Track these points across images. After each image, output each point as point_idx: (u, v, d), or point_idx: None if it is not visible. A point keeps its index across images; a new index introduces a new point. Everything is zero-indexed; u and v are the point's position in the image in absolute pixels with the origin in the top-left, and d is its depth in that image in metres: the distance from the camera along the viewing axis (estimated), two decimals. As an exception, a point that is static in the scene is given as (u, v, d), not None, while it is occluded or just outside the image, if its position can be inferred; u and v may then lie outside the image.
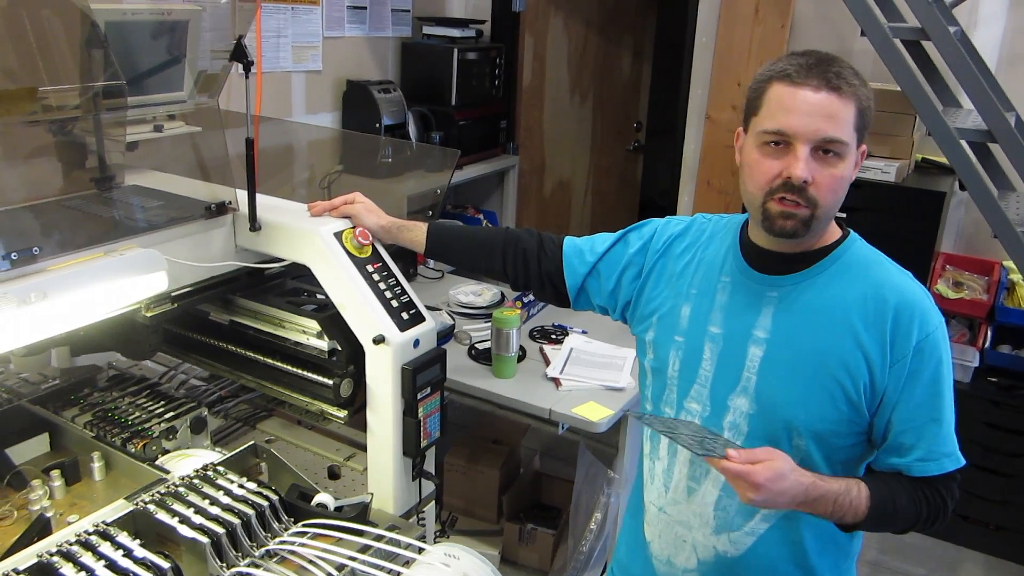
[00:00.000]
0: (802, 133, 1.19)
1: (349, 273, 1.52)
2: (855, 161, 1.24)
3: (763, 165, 1.23)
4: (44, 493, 1.48)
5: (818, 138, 1.19)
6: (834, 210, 1.25)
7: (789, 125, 1.19)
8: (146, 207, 1.66)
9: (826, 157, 1.20)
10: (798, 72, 1.20)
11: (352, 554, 1.27)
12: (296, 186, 3.01)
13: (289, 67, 3.39)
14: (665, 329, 1.42)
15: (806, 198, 1.20)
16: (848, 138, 1.20)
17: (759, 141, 1.24)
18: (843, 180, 1.22)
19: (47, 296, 1.25)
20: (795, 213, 1.21)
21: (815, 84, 1.19)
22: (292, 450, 1.84)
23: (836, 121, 1.19)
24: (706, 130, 3.78)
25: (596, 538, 2.58)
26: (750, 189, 1.26)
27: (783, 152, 1.21)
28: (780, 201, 1.22)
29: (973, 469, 3.06)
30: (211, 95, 1.77)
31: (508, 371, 2.37)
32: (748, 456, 1.17)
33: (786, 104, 1.20)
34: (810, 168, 1.19)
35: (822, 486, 1.21)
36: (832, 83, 1.18)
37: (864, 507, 1.24)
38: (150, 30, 1.67)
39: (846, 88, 1.19)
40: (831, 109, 1.18)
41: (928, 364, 1.24)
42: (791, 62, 1.22)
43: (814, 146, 1.19)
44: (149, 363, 2.03)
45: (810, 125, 1.18)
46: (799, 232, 1.23)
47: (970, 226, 3.40)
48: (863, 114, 1.21)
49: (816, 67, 1.20)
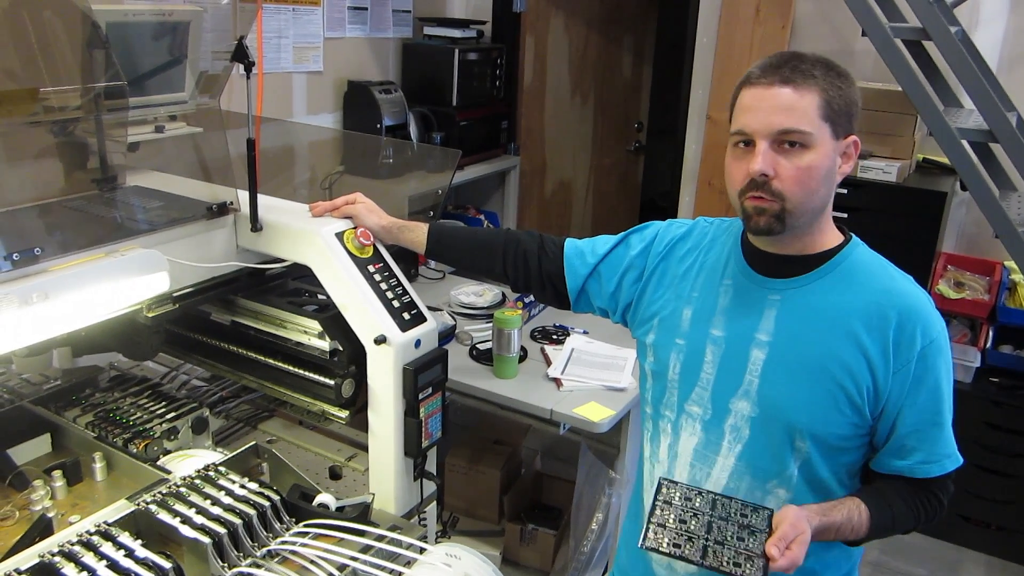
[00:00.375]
0: (758, 129, 1.22)
1: (350, 273, 1.52)
2: (832, 151, 1.24)
3: (734, 166, 1.27)
4: (46, 493, 1.48)
5: (773, 131, 1.21)
6: (809, 202, 1.24)
7: (748, 123, 1.23)
8: (147, 208, 1.66)
9: (791, 149, 1.21)
10: (758, 74, 1.24)
11: (353, 554, 1.27)
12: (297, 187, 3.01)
13: (290, 68, 3.39)
14: (666, 332, 1.42)
15: (771, 192, 1.22)
16: (810, 127, 1.20)
17: (730, 144, 1.28)
18: (811, 170, 1.22)
19: (49, 297, 1.25)
20: (765, 208, 1.23)
21: (768, 81, 1.22)
22: (293, 450, 1.84)
23: (792, 112, 1.20)
24: (707, 131, 3.78)
25: (597, 538, 2.58)
26: (730, 192, 1.29)
27: (750, 152, 1.24)
28: (752, 198, 1.24)
29: (974, 469, 3.08)
30: (212, 96, 1.77)
31: (509, 371, 2.37)
32: (781, 541, 1.15)
33: (746, 105, 1.24)
34: (769, 161, 1.21)
35: (826, 522, 1.23)
36: (786, 77, 1.21)
37: (865, 528, 1.26)
38: (151, 31, 1.67)
39: (803, 80, 1.20)
40: (786, 102, 1.20)
41: (931, 370, 1.25)
42: (756, 66, 1.25)
43: (773, 139, 1.21)
44: (151, 364, 2.03)
45: (764, 120, 1.21)
46: (774, 228, 1.24)
47: (971, 226, 3.39)
48: (830, 103, 1.21)
49: (774, 66, 1.22)
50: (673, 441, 1.41)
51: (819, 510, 1.23)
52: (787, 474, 1.31)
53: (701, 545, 1.17)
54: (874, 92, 3.14)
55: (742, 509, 1.24)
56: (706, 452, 1.36)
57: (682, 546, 1.17)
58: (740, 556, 1.15)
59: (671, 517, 1.23)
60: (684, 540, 1.18)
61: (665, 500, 1.26)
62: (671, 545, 1.18)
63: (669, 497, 1.26)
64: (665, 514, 1.23)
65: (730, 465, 1.34)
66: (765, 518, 1.22)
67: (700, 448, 1.37)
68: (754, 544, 1.17)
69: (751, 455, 1.33)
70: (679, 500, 1.26)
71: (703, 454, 1.37)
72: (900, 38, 2.74)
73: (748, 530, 1.20)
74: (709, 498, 1.26)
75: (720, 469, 1.35)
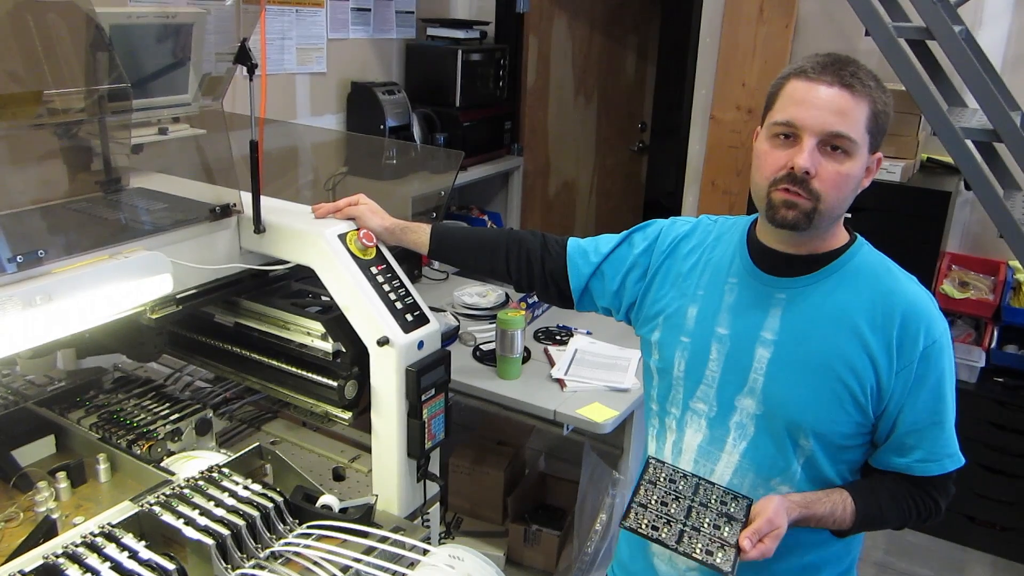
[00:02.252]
0: (810, 125, 1.20)
1: (353, 275, 1.53)
2: (865, 164, 1.24)
3: (771, 156, 1.25)
4: (50, 495, 1.49)
5: (825, 132, 1.20)
6: (839, 208, 1.25)
7: (798, 116, 1.21)
8: (151, 210, 1.66)
9: (833, 153, 1.21)
10: (814, 68, 1.22)
11: (357, 556, 1.28)
12: (301, 188, 3.02)
13: (293, 69, 3.40)
14: (671, 330, 1.42)
15: (808, 190, 1.21)
16: (857, 136, 1.20)
17: (770, 133, 1.26)
18: (848, 178, 1.22)
19: (52, 298, 1.25)
20: (797, 203, 1.22)
21: (828, 80, 1.20)
22: (297, 452, 1.84)
23: (845, 117, 1.19)
24: (710, 130, 3.78)
25: (601, 539, 2.58)
26: (757, 180, 1.28)
27: (791, 144, 1.22)
28: (784, 191, 1.23)
29: (979, 469, 3.08)
30: (215, 98, 1.78)
31: (513, 372, 2.37)
32: (755, 534, 1.19)
33: (798, 97, 1.22)
34: (814, 160, 1.20)
35: (807, 514, 1.25)
36: (845, 80, 1.20)
37: (849, 521, 1.28)
38: (155, 33, 1.67)
39: (859, 87, 1.20)
40: (842, 105, 1.19)
41: (933, 370, 1.26)
42: (809, 60, 1.24)
43: (821, 140, 1.20)
44: (154, 365, 2.03)
45: (818, 118, 1.20)
46: (800, 224, 1.23)
47: (976, 226, 3.39)
48: (876, 117, 1.22)
49: (832, 65, 1.21)
50: (678, 438, 1.41)
51: (802, 502, 1.25)
52: (791, 471, 1.31)
53: (678, 530, 1.21)
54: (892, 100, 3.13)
55: (723, 496, 1.27)
56: (711, 449, 1.37)
57: (660, 529, 1.21)
58: (713, 544, 1.18)
59: (653, 498, 1.26)
60: (663, 523, 1.22)
61: (650, 480, 1.28)
62: (650, 527, 1.21)
63: (655, 477, 1.29)
64: (648, 494, 1.26)
65: (734, 462, 1.35)
66: (744, 507, 1.25)
67: (705, 445, 1.37)
68: (729, 533, 1.20)
69: (755, 452, 1.33)
70: (663, 481, 1.28)
71: (708, 451, 1.37)
72: (904, 37, 2.73)
73: (726, 518, 1.23)
74: (692, 482, 1.29)
75: (724, 465, 1.35)
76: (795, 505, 1.24)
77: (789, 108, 1.22)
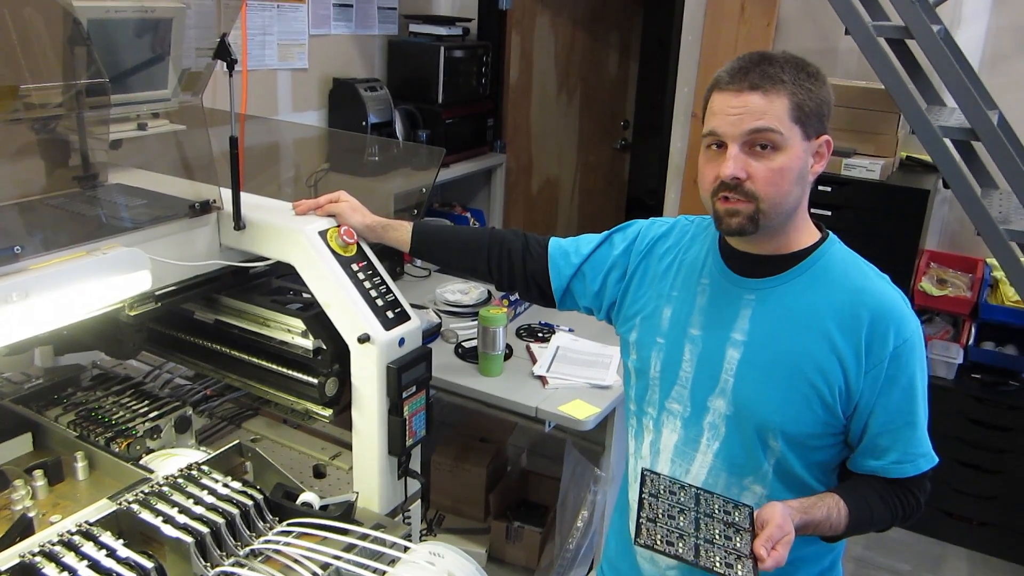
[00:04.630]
0: (728, 132, 1.22)
1: (334, 272, 1.52)
2: (802, 153, 1.24)
3: (705, 168, 1.28)
4: (27, 493, 1.47)
5: (742, 131, 1.21)
6: (784, 203, 1.24)
7: (718, 127, 1.24)
8: (129, 206, 1.65)
9: (762, 152, 1.22)
10: (726, 78, 1.24)
11: (337, 553, 1.27)
12: (282, 184, 3.00)
13: (275, 65, 3.38)
14: (648, 330, 1.42)
15: (744, 193, 1.23)
16: (780, 129, 1.21)
17: (703, 147, 1.28)
18: (783, 171, 1.22)
19: (29, 295, 1.24)
20: (738, 210, 1.24)
21: (737, 87, 1.22)
22: (277, 449, 1.84)
23: (763, 116, 1.20)
24: (692, 128, 3.79)
25: (583, 536, 2.59)
26: (702, 194, 1.30)
27: (721, 154, 1.24)
28: (723, 200, 1.25)
29: (957, 465, 3.11)
30: (195, 93, 1.76)
31: (495, 369, 2.37)
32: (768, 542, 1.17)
33: (716, 108, 1.25)
34: (740, 164, 1.22)
35: (806, 519, 1.24)
36: (755, 83, 1.21)
37: (843, 525, 1.27)
38: (133, 28, 1.66)
39: (770, 85, 1.21)
40: (755, 107, 1.21)
41: (904, 370, 1.26)
42: (725, 69, 1.26)
43: (744, 143, 1.22)
44: (133, 362, 2.02)
45: (735, 123, 1.22)
46: (746, 228, 1.24)
47: (954, 224, 3.42)
48: (801, 107, 1.22)
49: (742, 69, 1.23)
50: (655, 438, 1.42)
51: (800, 507, 1.24)
52: (762, 471, 1.32)
53: (693, 544, 1.19)
54: (857, 90, 3.16)
55: (724, 506, 1.25)
56: (686, 449, 1.38)
57: (675, 544, 1.18)
58: (730, 556, 1.17)
59: (660, 512, 1.24)
60: (676, 538, 1.19)
61: (651, 493, 1.27)
62: (665, 543, 1.19)
63: (655, 490, 1.28)
64: (654, 509, 1.24)
65: (708, 462, 1.35)
66: (747, 516, 1.23)
67: (680, 445, 1.38)
68: (741, 544, 1.19)
69: (728, 452, 1.34)
70: (664, 494, 1.27)
71: (683, 451, 1.38)
72: (883, 36, 2.75)
73: (733, 528, 1.21)
74: (692, 492, 1.28)
75: (699, 465, 1.36)
76: (796, 511, 1.23)
77: (711, 120, 1.26)
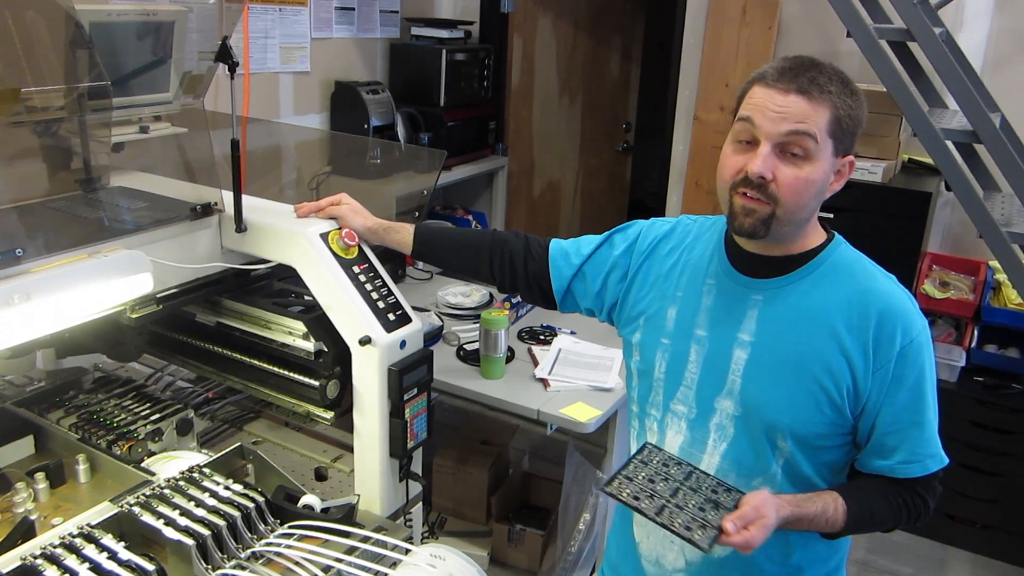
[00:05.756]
0: (766, 131, 1.21)
1: (335, 274, 1.52)
2: (828, 168, 1.23)
3: (731, 159, 1.26)
4: (28, 495, 1.47)
5: (781, 131, 1.20)
6: (799, 213, 1.24)
7: (757, 119, 1.22)
8: (131, 208, 1.65)
9: (793, 158, 1.21)
10: (774, 74, 1.22)
11: (338, 556, 1.27)
12: (284, 187, 3.01)
13: (277, 68, 3.39)
14: (652, 331, 1.42)
15: (766, 194, 1.22)
16: (816, 139, 1.20)
17: (733, 137, 1.27)
18: (808, 182, 1.21)
19: (31, 298, 1.24)
20: (755, 209, 1.23)
21: (785, 86, 1.20)
22: (279, 452, 1.84)
23: (803, 122, 1.20)
24: (694, 131, 3.79)
25: (585, 539, 2.58)
26: (719, 182, 1.29)
27: (751, 149, 1.23)
28: (743, 195, 1.24)
29: (960, 468, 3.10)
30: (196, 96, 1.77)
31: (496, 372, 2.37)
32: (739, 519, 1.17)
33: (757, 103, 1.23)
34: (770, 165, 1.21)
35: (798, 512, 1.23)
36: (803, 86, 1.20)
37: (841, 521, 1.27)
38: (135, 31, 1.66)
39: (818, 93, 1.20)
40: (798, 111, 1.19)
41: (912, 369, 1.25)
42: (773, 65, 1.24)
43: (778, 144, 1.21)
44: (135, 365, 2.02)
45: (774, 123, 1.20)
46: (758, 231, 1.24)
47: (956, 226, 3.41)
48: (839, 121, 1.21)
49: (792, 71, 1.21)
50: (660, 439, 1.42)
51: (793, 500, 1.24)
52: (770, 472, 1.32)
53: (660, 504, 1.20)
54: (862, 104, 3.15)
55: (715, 486, 1.26)
56: (692, 450, 1.37)
57: (640, 499, 1.20)
58: (695, 523, 1.18)
59: (641, 474, 1.26)
60: (645, 496, 1.21)
61: (642, 460, 1.29)
62: (631, 496, 1.20)
63: (648, 459, 1.29)
64: (636, 470, 1.27)
65: (715, 463, 1.35)
66: (734, 498, 1.24)
67: (686, 446, 1.38)
68: (713, 517, 1.19)
69: (735, 453, 1.33)
70: (656, 464, 1.28)
71: (689, 452, 1.37)
72: (885, 39, 2.75)
73: (713, 504, 1.22)
74: (686, 469, 1.29)
75: (706, 467, 1.35)
76: (786, 503, 1.23)
77: (750, 110, 1.24)
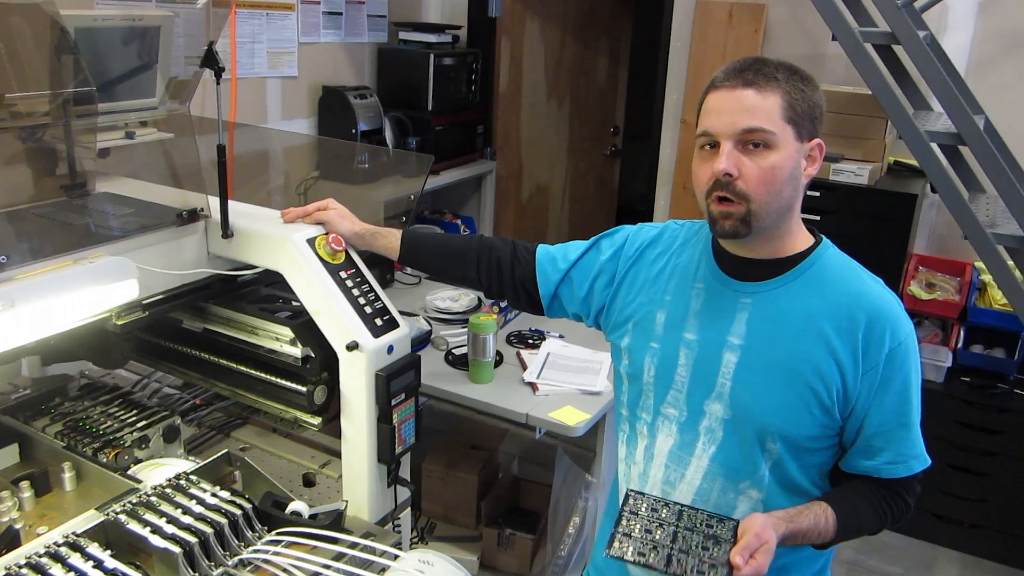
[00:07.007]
0: (721, 130, 1.23)
1: (322, 280, 1.52)
2: (795, 154, 1.24)
3: (700, 168, 1.28)
4: (13, 504, 1.47)
5: (736, 130, 1.22)
6: (775, 202, 1.25)
7: (711, 125, 1.25)
8: (117, 214, 1.64)
9: (754, 150, 1.23)
10: (722, 77, 1.26)
11: (326, 562, 1.27)
12: (272, 192, 2.99)
13: (264, 73, 3.38)
14: (640, 335, 1.42)
15: (735, 192, 1.23)
16: (773, 127, 1.22)
17: (697, 147, 1.29)
18: (775, 170, 1.23)
19: (15, 305, 1.23)
20: (731, 212, 1.24)
21: (732, 84, 1.24)
22: (267, 458, 1.83)
23: (754, 113, 1.22)
24: (682, 134, 3.81)
25: (575, 542, 2.58)
26: (697, 196, 1.30)
27: (714, 154, 1.25)
28: (717, 201, 1.25)
29: (947, 468, 3.12)
30: (183, 101, 1.76)
31: (485, 376, 2.37)
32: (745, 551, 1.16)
33: (710, 108, 1.26)
34: (733, 161, 1.22)
35: (793, 528, 1.24)
36: (749, 80, 1.23)
37: (832, 532, 1.28)
38: (121, 36, 1.65)
39: (764, 83, 1.22)
40: (748, 104, 1.22)
41: (899, 371, 1.27)
42: (721, 70, 1.27)
43: (737, 140, 1.23)
44: (122, 372, 2.01)
45: (728, 121, 1.23)
46: (740, 231, 1.25)
47: (942, 228, 3.44)
48: (793, 107, 1.23)
49: (738, 70, 1.25)
50: (650, 443, 1.42)
51: (785, 517, 1.24)
52: (759, 475, 1.32)
53: (666, 554, 1.19)
54: (845, 96, 3.17)
55: (708, 520, 1.25)
56: (681, 453, 1.37)
57: (647, 555, 1.19)
58: (704, 565, 1.17)
59: (637, 527, 1.24)
60: (649, 549, 1.20)
61: (632, 511, 1.27)
62: (636, 553, 1.19)
63: (636, 508, 1.28)
64: (631, 524, 1.25)
65: (704, 466, 1.35)
66: (731, 528, 1.23)
67: (675, 450, 1.38)
68: (719, 553, 1.18)
69: (724, 456, 1.34)
70: (645, 511, 1.27)
71: (678, 455, 1.38)
72: (870, 42, 2.76)
73: (713, 540, 1.21)
74: (676, 509, 1.28)
75: (694, 470, 1.36)
76: (780, 521, 1.22)
77: (705, 119, 1.27)
